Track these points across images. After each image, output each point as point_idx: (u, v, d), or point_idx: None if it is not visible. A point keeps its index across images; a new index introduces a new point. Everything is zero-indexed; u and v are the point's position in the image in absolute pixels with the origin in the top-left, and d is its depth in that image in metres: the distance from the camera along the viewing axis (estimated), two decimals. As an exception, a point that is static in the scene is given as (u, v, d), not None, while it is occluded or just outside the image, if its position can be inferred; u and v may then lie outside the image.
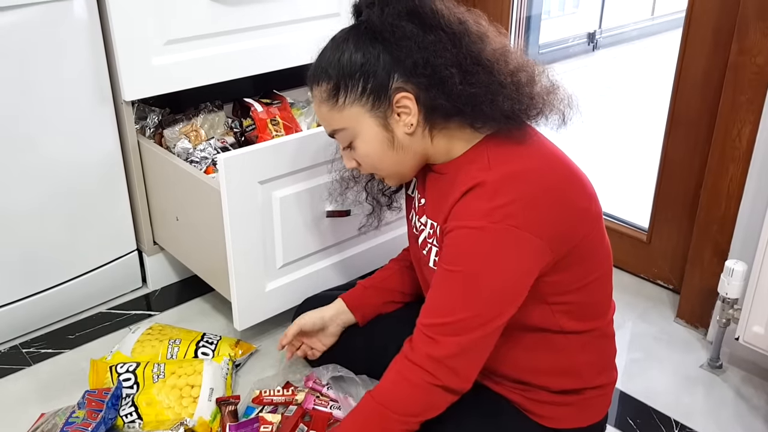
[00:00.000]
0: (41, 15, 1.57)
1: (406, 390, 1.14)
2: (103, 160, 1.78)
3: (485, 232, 1.08)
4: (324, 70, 1.19)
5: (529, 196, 1.09)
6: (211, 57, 1.80)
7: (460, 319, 1.10)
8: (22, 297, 1.76)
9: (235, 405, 1.52)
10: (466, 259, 1.10)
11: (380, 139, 1.18)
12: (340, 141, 1.23)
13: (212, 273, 1.76)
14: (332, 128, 1.22)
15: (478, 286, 1.09)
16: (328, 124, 1.23)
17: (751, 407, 1.61)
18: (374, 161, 1.21)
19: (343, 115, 1.18)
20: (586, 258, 1.17)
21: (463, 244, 1.10)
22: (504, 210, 1.07)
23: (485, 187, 1.09)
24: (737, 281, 1.59)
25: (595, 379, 1.27)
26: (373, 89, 1.14)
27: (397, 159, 1.20)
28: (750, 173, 1.63)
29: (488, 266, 1.09)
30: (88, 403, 1.43)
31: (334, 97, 1.17)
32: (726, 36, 1.66)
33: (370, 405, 1.16)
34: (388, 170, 1.23)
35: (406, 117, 1.15)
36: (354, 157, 1.23)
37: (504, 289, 1.11)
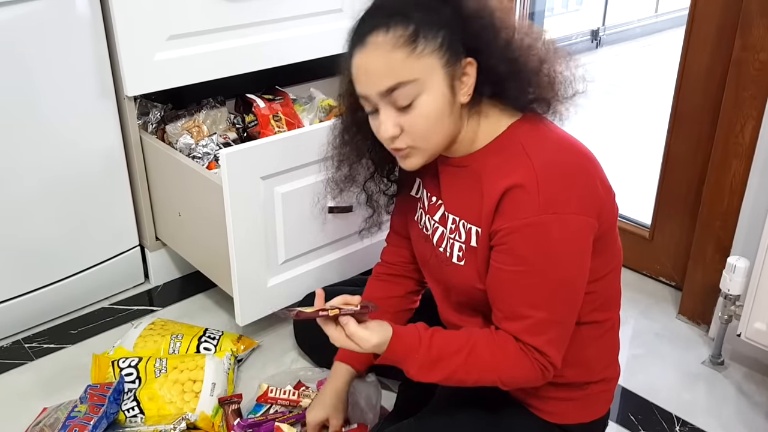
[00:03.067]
0: (43, 10, 1.57)
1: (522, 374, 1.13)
2: (106, 156, 1.78)
3: (548, 225, 1.06)
4: (401, 12, 1.07)
5: (574, 179, 1.08)
6: (214, 52, 1.80)
7: (545, 317, 1.09)
8: (25, 292, 1.76)
9: (237, 404, 1.52)
10: (538, 256, 1.07)
11: (445, 101, 1.09)
12: (400, 98, 1.08)
13: (214, 268, 1.76)
14: (400, 80, 1.07)
15: (557, 279, 1.08)
16: (397, 74, 1.07)
17: (752, 403, 1.61)
18: (429, 126, 1.10)
19: (419, 64, 1.06)
20: (609, 247, 1.17)
21: (529, 241, 1.07)
22: (558, 198, 1.06)
23: (532, 178, 1.06)
24: (739, 278, 1.59)
25: (601, 373, 1.27)
26: (451, 45, 1.07)
27: (447, 129, 1.12)
28: (753, 169, 1.63)
29: (561, 257, 1.08)
30: (90, 397, 1.43)
31: (413, 43, 1.06)
32: (729, 32, 1.65)
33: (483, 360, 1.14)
34: (433, 142, 1.13)
35: (465, 86, 1.10)
36: (405, 120, 1.10)
37: (579, 275, 1.11)
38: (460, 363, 1.11)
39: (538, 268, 1.08)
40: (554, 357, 1.11)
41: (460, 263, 1.19)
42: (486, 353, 1.11)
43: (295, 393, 1.53)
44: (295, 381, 1.60)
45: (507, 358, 1.11)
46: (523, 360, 1.10)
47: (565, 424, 1.27)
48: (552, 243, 1.07)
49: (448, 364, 1.12)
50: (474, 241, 1.16)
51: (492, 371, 1.12)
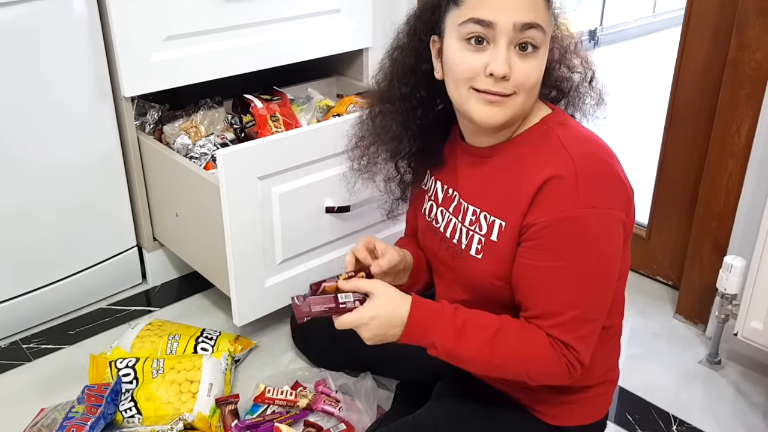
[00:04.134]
0: (40, 11, 1.57)
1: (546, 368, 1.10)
2: (103, 157, 1.78)
3: (587, 220, 1.04)
4: None
5: (610, 174, 1.07)
6: (211, 53, 1.80)
7: (578, 314, 1.07)
8: (23, 293, 1.76)
9: (234, 404, 1.52)
10: (576, 251, 1.05)
11: (544, 65, 1.09)
12: (533, 38, 1.05)
13: (212, 269, 1.76)
14: (540, 22, 1.05)
15: (593, 275, 1.06)
16: (540, 15, 1.05)
17: (749, 403, 1.61)
18: (536, 81, 1.08)
19: (548, 19, 1.07)
20: (625, 250, 1.15)
21: (567, 235, 1.05)
22: (597, 192, 1.04)
23: (571, 170, 1.04)
24: (736, 277, 1.59)
25: (601, 377, 1.27)
26: (554, 16, 1.11)
27: (535, 96, 1.11)
28: (749, 168, 1.63)
29: (599, 253, 1.06)
30: (88, 398, 1.44)
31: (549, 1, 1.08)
32: (725, 32, 1.65)
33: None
34: (530, 100, 1.10)
35: None
36: (519, 67, 1.05)
37: (613, 272, 1.09)
38: (486, 339, 1.08)
39: (574, 264, 1.05)
40: (584, 354, 1.08)
41: (477, 256, 1.16)
42: (513, 338, 1.08)
43: (293, 393, 1.53)
44: (292, 381, 1.60)
45: (535, 348, 1.08)
46: (552, 354, 1.07)
47: (564, 427, 1.27)
48: (591, 238, 1.04)
49: (474, 338, 1.08)
50: (495, 235, 1.13)
51: (518, 358, 1.08)
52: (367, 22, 2.06)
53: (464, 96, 1.09)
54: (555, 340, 1.07)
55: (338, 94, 2.22)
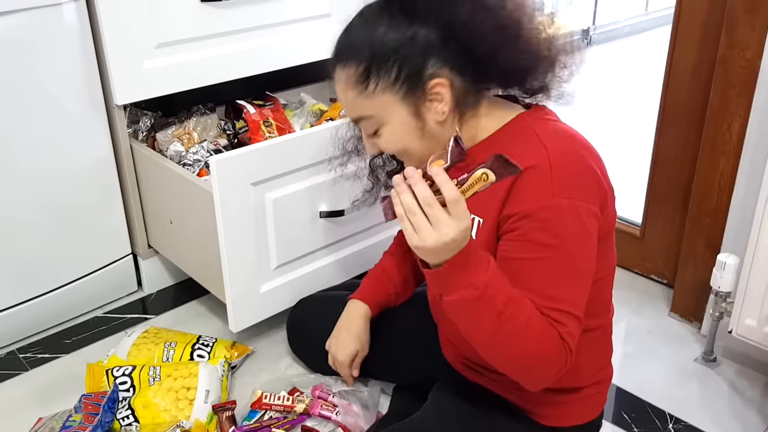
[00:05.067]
0: (30, 21, 1.57)
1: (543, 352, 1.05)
2: (96, 165, 1.78)
3: (562, 210, 1.03)
4: (353, 50, 1.08)
5: (585, 168, 1.07)
6: (203, 59, 1.80)
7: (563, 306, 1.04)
8: (19, 302, 1.76)
9: (232, 410, 1.52)
10: (553, 242, 1.03)
11: (409, 128, 1.10)
12: (364, 128, 1.14)
13: (207, 275, 1.76)
14: (358, 115, 1.12)
15: (570, 267, 1.05)
16: (354, 110, 1.12)
17: (745, 400, 1.62)
18: (399, 149, 1.13)
19: (372, 103, 1.08)
20: (605, 251, 1.15)
21: (543, 226, 1.04)
22: (570, 184, 1.04)
23: (545, 161, 1.04)
24: (729, 274, 1.60)
25: (593, 377, 1.27)
26: (408, 76, 1.06)
27: (424, 147, 1.11)
28: (741, 167, 1.64)
29: (575, 244, 1.05)
30: (85, 406, 1.44)
31: (364, 83, 1.07)
32: (715, 30, 1.66)
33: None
34: (414, 157, 1.13)
35: (438, 105, 1.08)
36: (378, 144, 1.14)
37: (590, 265, 1.08)
38: (519, 294, 1.01)
39: (552, 255, 1.04)
40: (573, 335, 1.05)
41: None
42: (530, 302, 1.02)
43: (290, 398, 1.53)
44: (289, 387, 1.60)
45: (543, 319, 1.02)
46: (552, 329, 1.02)
47: (560, 427, 1.27)
48: (566, 229, 1.04)
49: (507, 290, 1.01)
50: (474, 232, 1.13)
51: (535, 322, 1.01)
52: (359, 26, 2.05)
53: None
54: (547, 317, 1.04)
55: (331, 99, 2.22)
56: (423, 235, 0.93)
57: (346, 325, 1.49)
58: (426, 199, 0.92)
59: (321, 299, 1.69)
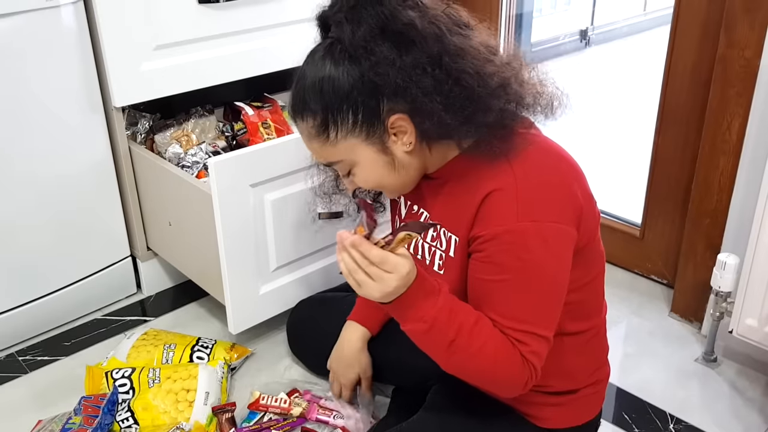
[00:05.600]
0: (29, 23, 1.57)
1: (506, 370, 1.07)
2: (95, 167, 1.78)
3: (526, 233, 1.03)
4: (307, 104, 1.07)
5: (554, 187, 1.06)
6: (201, 61, 1.80)
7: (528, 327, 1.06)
8: (18, 305, 1.76)
9: (231, 412, 1.52)
10: (516, 265, 1.04)
11: (380, 164, 1.10)
12: (339, 170, 1.15)
13: (206, 277, 1.76)
14: (327, 161, 1.13)
15: (538, 288, 1.06)
16: (323, 157, 1.13)
17: (746, 400, 1.61)
18: (376, 183, 1.14)
19: (337, 149, 1.09)
20: (590, 255, 1.15)
21: (507, 249, 1.04)
22: (537, 206, 1.04)
23: (511, 184, 1.04)
24: (730, 274, 1.59)
25: (588, 379, 1.27)
26: (365, 117, 1.05)
27: (399, 178, 1.13)
28: (740, 166, 1.63)
29: (541, 267, 1.05)
30: (85, 409, 1.44)
31: (324, 133, 1.07)
32: (714, 29, 1.66)
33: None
34: (391, 188, 1.16)
35: (404, 136, 1.07)
36: (355, 181, 1.15)
37: (558, 286, 1.08)
38: (472, 322, 1.04)
39: (518, 278, 1.05)
40: (537, 363, 1.07)
41: (440, 272, 1.18)
42: (488, 328, 1.05)
43: (287, 401, 1.53)
44: (289, 388, 1.60)
45: (503, 342, 1.05)
46: (512, 350, 1.05)
47: (557, 429, 1.27)
48: (531, 252, 1.04)
49: (462, 318, 1.04)
50: (452, 250, 1.15)
51: (489, 348, 1.04)
52: (357, 27, 2.05)
53: None
54: (510, 337, 1.06)
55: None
56: (366, 290, 1.01)
57: (347, 347, 1.50)
58: (361, 263, 0.99)
59: (320, 300, 1.69)
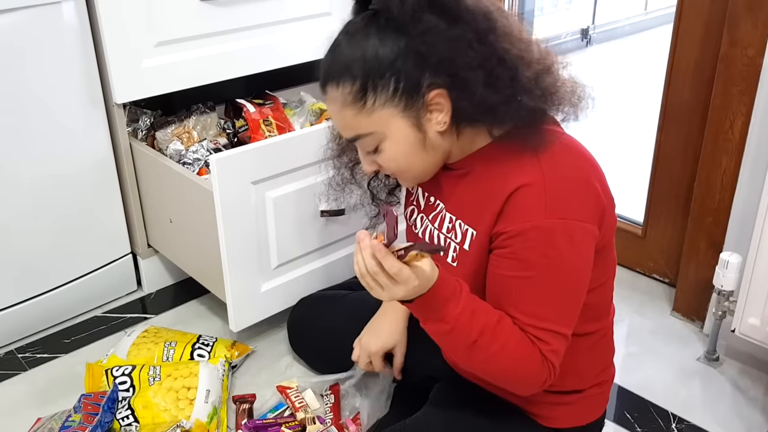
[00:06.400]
0: (30, 19, 1.56)
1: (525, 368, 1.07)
2: (96, 164, 1.78)
3: (553, 231, 1.02)
4: (346, 68, 1.04)
5: (580, 185, 1.05)
6: (202, 58, 1.79)
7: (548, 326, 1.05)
8: (17, 302, 1.75)
9: (250, 404, 1.53)
10: (542, 262, 1.03)
11: (411, 141, 1.07)
12: (364, 146, 1.10)
13: (207, 275, 1.75)
14: (356, 133, 1.08)
15: (560, 287, 1.06)
16: (352, 128, 1.08)
17: (748, 399, 1.61)
18: (402, 164, 1.11)
19: (371, 119, 1.05)
20: (606, 258, 1.15)
21: (534, 245, 1.03)
22: (564, 203, 1.03)
23: (540, 180, 1.03)
24: (732, 273, 1.59)
25: (595, 379, 1.26)
26: (406, 88, 1.03)
27: (425, 160, 1.10)
28: (743, 164, 1.63)
29: (565, 265, 1.04)
30: (84, 406, 1.43)
31: (362, 100, 1.04)
32: (717, 28, 1.66)
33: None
34: (413, 172, 1.13)
35: (439, 114, 1.05)
36: (378, 160, 1.11)
37: (582, 284, 1.08)
38: (494, 322, 1.04)
39: (542, 276, 1.04)
40: (556, 362, 1.07)
41: (453, 264, 1.17)
42: (509, 327, 1.05)
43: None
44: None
45: (523, 340, 1.05)
46: (532, 348, 1.05)
47: (562, 429, 1.26)
48: (557, 249, 1.03)
49: (483, 318, 1.04)
50: (467, 243, 1.13)
51: (510, 347, 1.04)
52: (359, 24, 2.05)
53: None
54: (530, 335, 1.06)
55: (331, 97, 2.21)
56: (376, 294, 1.01)
57: (382, 317, 1.46)
58: (371, 269, 0.98)
59: (321, 298, 1.68)
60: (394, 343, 1.44)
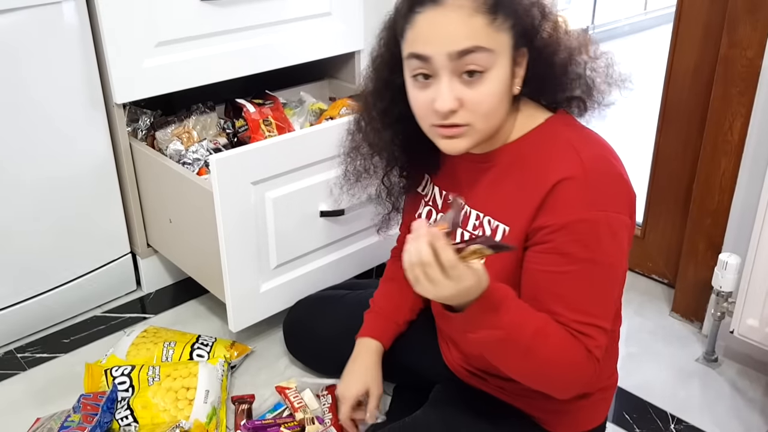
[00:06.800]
0: (30, 19, 1.56)
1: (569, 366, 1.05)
2: (96, 164, 1.78)
3: (598, 223, 1.02)
4: None
5: (618, 178, 1.06)
6: (203, 58, 1.79)
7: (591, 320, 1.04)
8: (17, 302, 1.75)
9: (249, 404, 1.53)
10: (587, 255, 1.02)
11: (504, 86, 1.03)
12: (474, 63, 1.00)
13: (206, 275, 1.75)
14: (478, 44, 0.99)
15: (603, 281, 1.05)
16: (477, 37, 0.99)
17: (746, 400, 1.61)
18: (492, 106, 1.03)
19: (496, 36, 1.00)
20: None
21: (578, 238, 1.02)
22: (606, 196, 1.03)
23: (580, 173, 1.02)
24: (731, 274, 1.59)
25: (601, 383, 1.26)
26: (517, 28, 1.02)
27: (498, 117, 1.06)
28: (742, 166, 1.63)
29: (609, 258, 1.04)
30: (84, 406, 1.43)
31: (494, 13, 0.99)
32: (716, 29, 1.66)
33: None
34: (490, 125, 1.06)
35: (518, 76, 1.05)
36: (466, 96, 1.02)
37: (621, 277, 1.08)
38: (542, 322, 1.02)
39: (585, 269, 1.03)
40: (600, 357, 1.05)
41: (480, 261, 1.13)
42: (554, 326, 1.03)
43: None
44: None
45: (569, 338, 1.03)
46: (578, 345, 1.03)
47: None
48: (601, 242, 1.02)
49: (533, 319, 1.02)
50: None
51: (560, 346, 1.02)
52: (358, 24, 2.05)
53: (427, 131, 1.09)
54: (573, 331, 1.04)
55: (331, 97, 2.21)
56: (421, 288, 0.94)
57: (354, 361, 1.41)
58: (423, 259, 0.90)
59: (318, 299, 1.67)
60: (365, 387, 1.38)
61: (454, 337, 1.33)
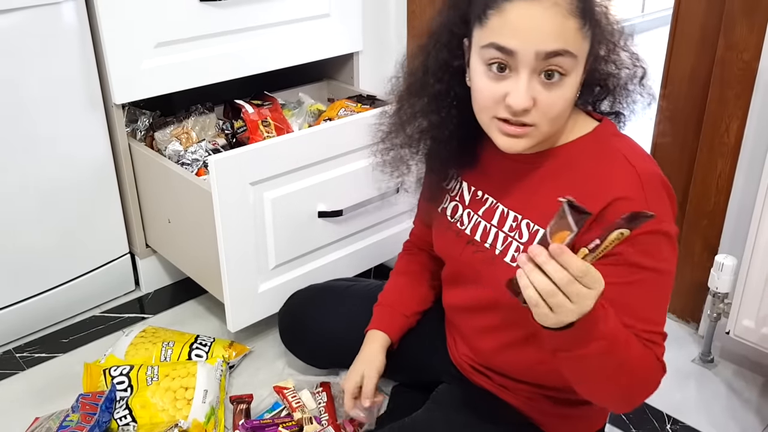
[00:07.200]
0: (30, 19, 1.56)
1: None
2: (95, 164, 1.78)
3: (659, 235, 1.02)
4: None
5: (668, 190, 1.07)
6: (202, 59, 1.80)
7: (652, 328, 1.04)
8: (16, 301, 1.76)
9: (248, 404, 1.54)
10: (651, 265, 1.02)
11: (577, 91, 1.02)
12: (559, 66, 0.97)
13: (205, 275, 1.76)
14: (566, 47, 0.96)
15: (662, 291, 1.06)
16: (567, 41, 0.96)
17: (742, 401, 1.62)
18: (562, 110, 1.01)
19: (582, 44, 0.98)
20: None
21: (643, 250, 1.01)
22: (663, 209, 1.04)
23: (639, 189, 1.02)
24: (727, 275, 1.60)
25: None
26: (599, 40, 1.03)
27: (562, 122, 1.06)
28: (738, 168, 1.64)
29: (668, 267, 1.05)
30: (82, 406, 1.43)
31: (583, 19, 0.97)
32: (713, 32, 1.66)
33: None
34: (554, 127, 1.04)
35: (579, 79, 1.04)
36: (542, 96, 0.99)
37: (671, 286, 1.08)
38: (626, 330, 0.98)
39: (650, 279, 1.02)
40: (665, 364, 1.06)
41: (513, 264, 1.11)
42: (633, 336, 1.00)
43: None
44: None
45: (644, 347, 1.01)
46: (651, 354, 1.02)
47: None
48: (662, 251, 1.03)
49: (623, 328, 0.97)
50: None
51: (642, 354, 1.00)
52: (357, 26, 2.06)
53: (486, 123, 1.05)
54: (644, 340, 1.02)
55: (329, 98, 2.22)
56: (562, 315, 0.85)
57: (358, 354, 1.40)
58: (563, 280, 0.83)
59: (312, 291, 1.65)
60: (362, 374, 1.36)
61: (460, 337, 1.33)
